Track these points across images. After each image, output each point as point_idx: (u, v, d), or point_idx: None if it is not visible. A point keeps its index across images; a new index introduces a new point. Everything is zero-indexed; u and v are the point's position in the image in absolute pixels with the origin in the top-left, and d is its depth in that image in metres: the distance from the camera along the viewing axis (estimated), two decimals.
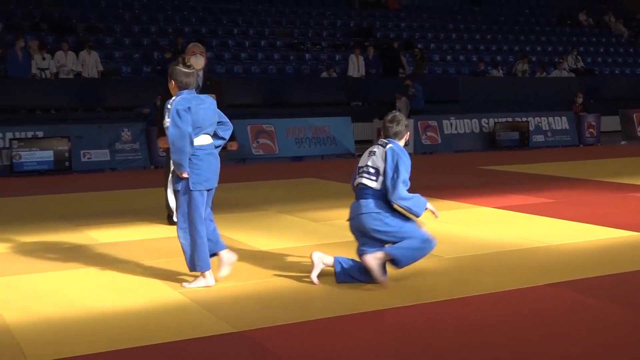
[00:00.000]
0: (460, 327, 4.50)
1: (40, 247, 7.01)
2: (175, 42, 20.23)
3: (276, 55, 22.14)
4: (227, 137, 5.89)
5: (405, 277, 5.67)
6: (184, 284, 5.52)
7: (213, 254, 5.59)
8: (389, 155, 5.35)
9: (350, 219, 5.55)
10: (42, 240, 7.34)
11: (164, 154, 8.46)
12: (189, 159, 5.40)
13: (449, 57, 24.75)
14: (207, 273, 5.47)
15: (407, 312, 4.83)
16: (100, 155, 14.74)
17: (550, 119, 19.63)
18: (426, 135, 17.94)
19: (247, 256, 6.48)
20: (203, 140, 5.55)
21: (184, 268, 6.07)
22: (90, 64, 18.48)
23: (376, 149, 5.49)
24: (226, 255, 5.66)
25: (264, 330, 4.45)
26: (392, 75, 21.71)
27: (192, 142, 5.40)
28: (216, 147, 5.75)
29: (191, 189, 5.43)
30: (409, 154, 5.61)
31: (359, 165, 5.55)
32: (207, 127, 5.56)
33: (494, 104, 20.62)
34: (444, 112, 19.34)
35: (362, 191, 5.44)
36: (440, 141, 18.13)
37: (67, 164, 14.25)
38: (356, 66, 21.29)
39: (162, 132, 7.87)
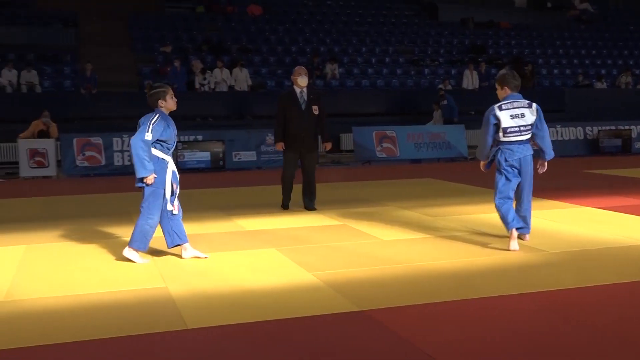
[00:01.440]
0: (565, 314, 4.31)
1: (199, 232, 7.27)
2: (312, 60, 20.51)
3: (399, 70, 22.01)
4: None
5: (512, 268, 5.51)
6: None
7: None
8: (539, 111, 6.48)
9: (517, 157, 6.36)
10: (201, 227, 7.61)
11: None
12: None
13: (555, 71, 23.76)
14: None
15: (515, 299, 4.67)
16: (249, 156, 15.17)
17: None
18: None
19: (372, 245, 6.47)
20: None
21: (315, 253, 6.14)
22: (241, 79, 19.03)
23: (523, 110, 6.35)
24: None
25: (385, 310, 4.42)
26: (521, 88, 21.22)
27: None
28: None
29: None
30: None
31: (508, 126, 6.29)
32: None
33: (597, 113, 19.62)
34: (550, 121, 18.57)
35: (519, 142, 6.40)
36: None
37: (221, 163, 14.75)
38: (470, 80, 20.91)
39: (279, 137, 8.46)
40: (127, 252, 5.88)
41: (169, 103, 5.90)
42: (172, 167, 5.98)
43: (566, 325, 4.14)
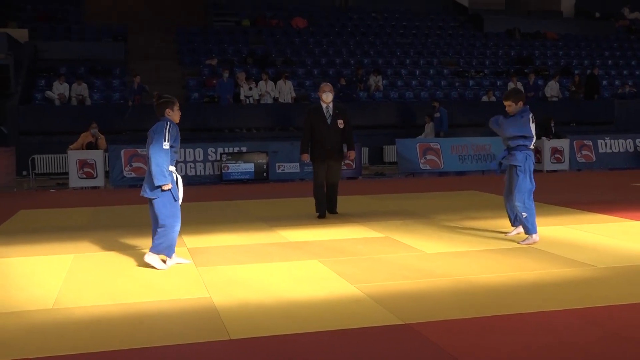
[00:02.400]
0: (614, 331, 4.19)
1: (242, 243, 7.32)
2: (356, 73, 20.54)
3: (443, 82, 21.87)
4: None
5: (559, 283, 5.39)
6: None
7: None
8: None
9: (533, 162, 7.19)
10: (244, 238, 7.65)
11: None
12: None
13: (604, 82, 23.27)
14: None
15: (563, 315, 4.56)
16: (292, 167, 15.24)
17: None
18: (581, 153, 16.98)
19: (415, 258, 6.42)
20: None
21: (357, 265, 6.11)
22: (285, 91, 19.16)
23: (532, 117, 7.16)
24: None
25: (429, 324, 4.37)
26: (592, 98, 21.05)
27: None
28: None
29: None
30: (564, 170, 6.23)
31: (534, 134, 7.18)
32: None
33: None
34: (599, 132, 18.24)
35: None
36: (594, 159, 17.08)
37: (265, 174, 14.85)
38: None
39: (305, 149, 9.01)
40: (150, 258, 6.07)
41: (175, 114, 6.12)
42: (177, 175, 6.15)
43: (615, 342, 4.02)
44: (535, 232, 7.03)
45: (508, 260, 6.21)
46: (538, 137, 16.40)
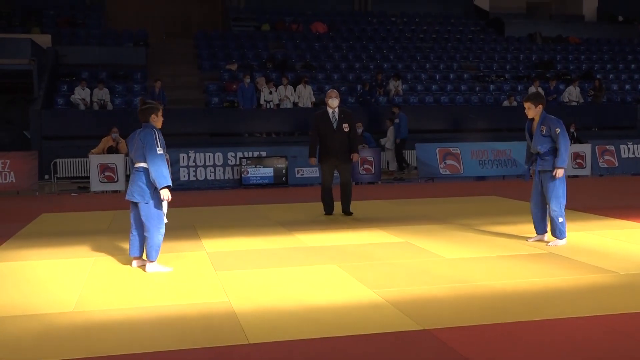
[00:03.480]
0: (638, 339, 4.14)
1: (261, 247, 7.34)
2: (376, 78, 20.52)
3: (463, 87, 21.79)
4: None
5: (580, 289, 5.33)
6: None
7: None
8: None
9: None
10: (263, 242, 7.67)
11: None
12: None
13: (627, 87, 23.05)
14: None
15: (584, 322, 4.51)
16: (311, 172, 15.24)
17: None
18: (603, 158, 16.82)
19: (435, 263, 6.39)
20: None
21: (376, 270, 6.09)
22: (305, 95, 19.20)
23: None
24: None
25: (448, 330, 4.35)
26: (591, 104, 20.92)
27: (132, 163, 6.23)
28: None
29: None
30: (586, 176, 6.08)
31: None
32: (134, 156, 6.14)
33: None
34: (621, 137, 18.05)
35: None
36: (617, 164, 16.90)
37: (284, 179, 14.88)
38: None
39: (312, 153, 9.42)
40: (152, 267, 6.16)
41: (159, 120, 6.25)
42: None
43: (636, 350, 3.97)
44: (565, 237, 7.12)
45: (529, 267, 6.17)
46: None
